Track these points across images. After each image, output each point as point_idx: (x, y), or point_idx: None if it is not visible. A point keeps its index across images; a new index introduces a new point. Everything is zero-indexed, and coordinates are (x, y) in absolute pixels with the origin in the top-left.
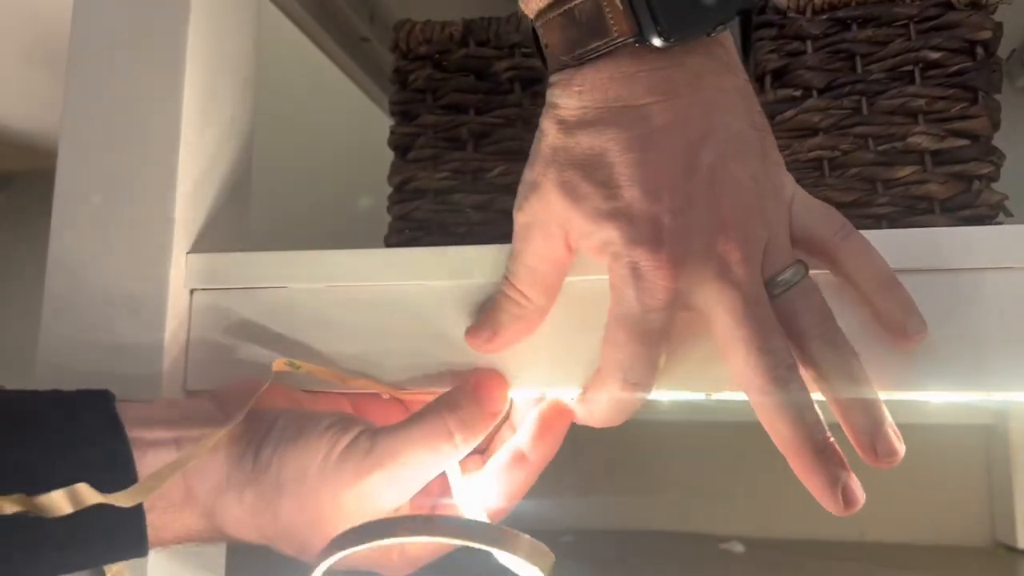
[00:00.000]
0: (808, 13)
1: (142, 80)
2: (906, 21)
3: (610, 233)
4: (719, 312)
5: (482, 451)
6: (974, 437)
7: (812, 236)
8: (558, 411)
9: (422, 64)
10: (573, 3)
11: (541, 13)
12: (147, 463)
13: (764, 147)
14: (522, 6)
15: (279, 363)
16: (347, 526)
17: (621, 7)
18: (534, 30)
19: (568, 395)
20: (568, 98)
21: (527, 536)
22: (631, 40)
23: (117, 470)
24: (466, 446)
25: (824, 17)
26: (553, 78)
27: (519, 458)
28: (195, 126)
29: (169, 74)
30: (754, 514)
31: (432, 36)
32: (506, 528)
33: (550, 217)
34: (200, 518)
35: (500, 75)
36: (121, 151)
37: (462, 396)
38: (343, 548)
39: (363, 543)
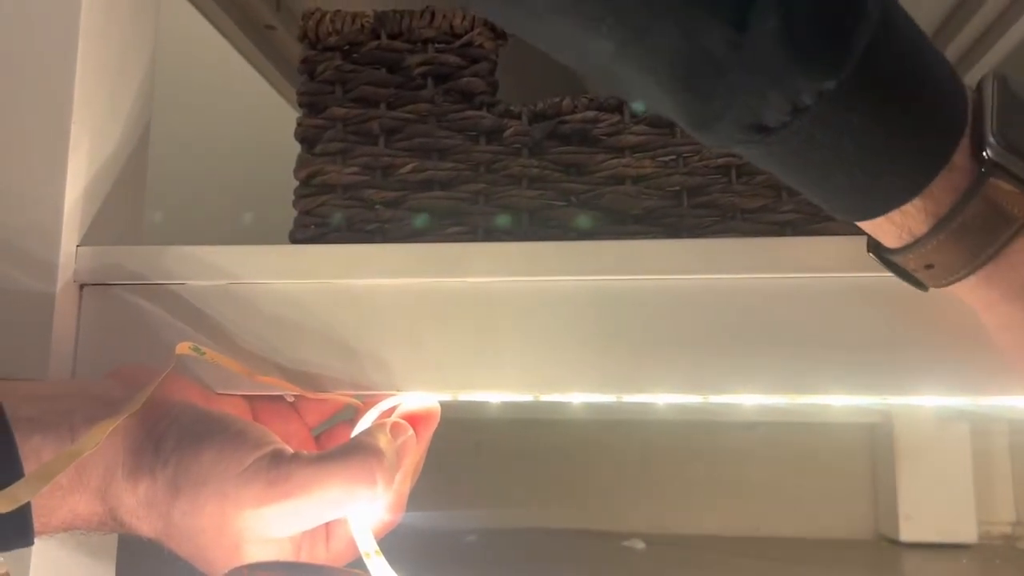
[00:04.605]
0: None
1: (33, 62)
2: None
3: None
4: None
5: None
6: (860, 435)
7: None
8: (426, 416)
9: (331, 55)
10: (962, 217)
11: (920, 240)
12: (33, 444)
13: None
14: (880, 240)
15: (183, 346)
16: (241, 543)
17: (1017, 189)
18: (881, 258)
19: (423, 400)
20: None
21: None
22: None
23: None
24: (386, 493)
25: None
26: (960, 287)
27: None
28: (88, 112)
29: (61, 56)
30: (654, 512)
31: (342, 27)
32: None
33: None
34: (91, 502)
35: (412, 70)
36: (7, 137)
37: (392, 439)
38: None
39: None
